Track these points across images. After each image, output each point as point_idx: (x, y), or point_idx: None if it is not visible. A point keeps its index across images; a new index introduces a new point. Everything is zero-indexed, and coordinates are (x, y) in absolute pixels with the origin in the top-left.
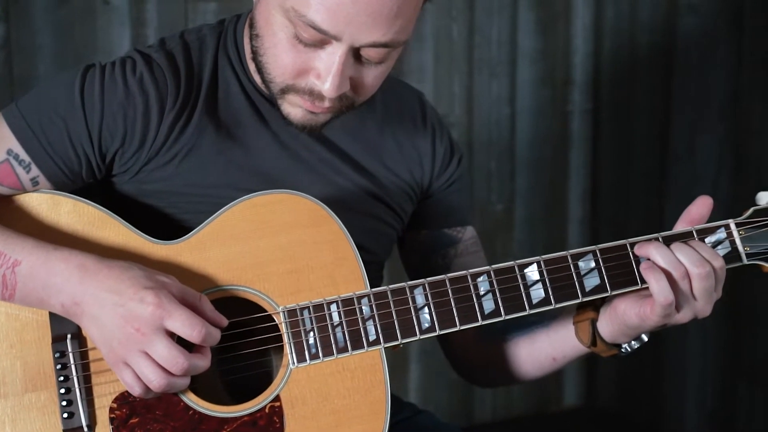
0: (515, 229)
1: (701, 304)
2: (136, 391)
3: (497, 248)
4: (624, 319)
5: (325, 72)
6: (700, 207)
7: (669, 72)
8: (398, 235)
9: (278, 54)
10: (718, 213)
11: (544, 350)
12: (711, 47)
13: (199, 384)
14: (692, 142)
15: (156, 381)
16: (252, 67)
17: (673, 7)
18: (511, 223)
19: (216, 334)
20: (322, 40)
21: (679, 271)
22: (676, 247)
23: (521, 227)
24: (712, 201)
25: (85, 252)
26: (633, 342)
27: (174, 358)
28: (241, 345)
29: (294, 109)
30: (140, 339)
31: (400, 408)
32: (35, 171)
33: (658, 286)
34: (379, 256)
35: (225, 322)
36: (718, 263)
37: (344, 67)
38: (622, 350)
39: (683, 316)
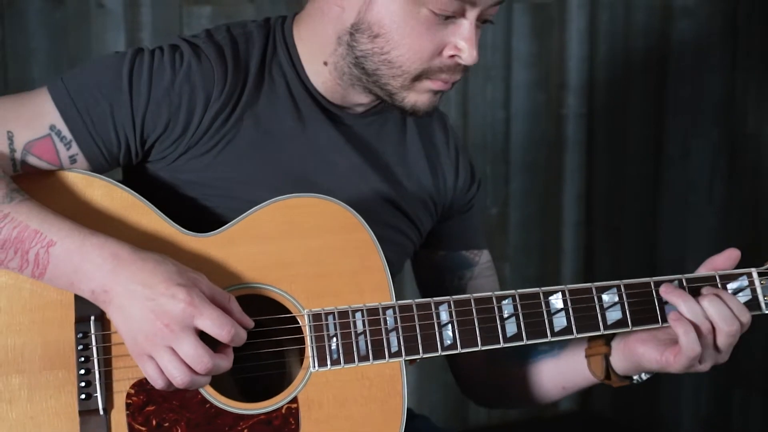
0: (510, 232)
1: (723, 356)
2: (158, 384)
3: (492, 252)
4: (641, 362)
5: (465, 41)
6: (726, 260)
7: (663, 76)
8: (414, 248)
9: (414, 40)
10: (712, 217)
11: (553, 379)
12: (705, 51)
13: (213, 378)
14: (686, 147)
15: (179, 377)
16: (312, 67)
17: (668, 12)
18: (505, 226)
19: (243, 335)
20: (460, 9)
21: (706, 326)
22: (707, 300)
23: (516, 231)
24: (739, 254)
25: (120, 241)
26: (644, 374)
27: (200, 357)
28: (261, 344)
29: (421, 96)
30: (168, 335)
31: None
32: (75, 149)
33: (686, 339)
34: (395, 268)
35: (251, 323)
36: (746, 318)
37: (477, 31)
38: (634, 381)
39: (705, 366)
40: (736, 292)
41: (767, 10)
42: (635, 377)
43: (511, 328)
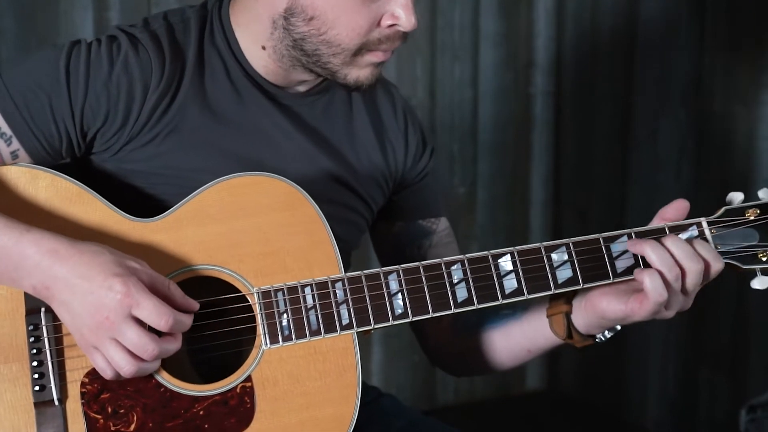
0: (477, 212)
1: (689, 300)
2: (107, 374)
3: (459, 231)
4: (605, 315)
5: (401, 8)
6: (676, 211)
7: (631, 55)
8: (367, 224)
9: (350, 17)
10: (680, 197)
11: (518, 343)
12: (673, 30)
13: (168, 362)
14: (654, 126)
15: (126, 367)
16: (251, 52)
17: None
18: (473, 206)
19: (186, 321)
20: None
21: (675, 272)
22: (669, 240)
23: (483, 210)
24: (688, 205)
25: (57, 235)
26: (606, 332)
27: (144, 345)
28: (213, 325)
29: (363, 70)
30: (110, 327)
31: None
32: (16, 144)
33: (652, 284)
34: (348, 244)
35: (196, 306)
36: (709, 255)
37: None
38: (597, 340)
39: (670, 313)
40: None
41: None
42: (598, 336)
43: (461, 294)
